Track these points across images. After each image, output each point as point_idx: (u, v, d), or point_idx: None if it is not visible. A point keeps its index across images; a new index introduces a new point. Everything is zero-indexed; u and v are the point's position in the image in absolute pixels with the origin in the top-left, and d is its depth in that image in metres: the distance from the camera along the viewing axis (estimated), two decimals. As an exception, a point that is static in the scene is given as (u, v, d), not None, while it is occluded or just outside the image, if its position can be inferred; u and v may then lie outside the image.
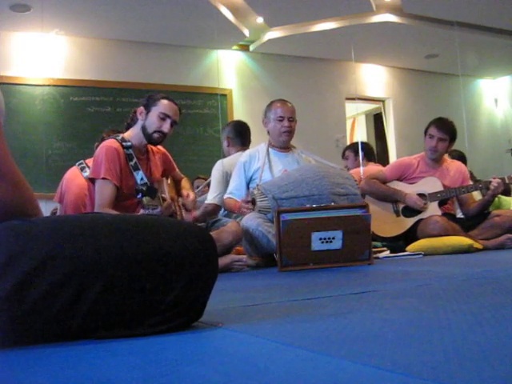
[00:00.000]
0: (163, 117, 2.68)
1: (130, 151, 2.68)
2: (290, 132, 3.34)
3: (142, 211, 2.52)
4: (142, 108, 2.72)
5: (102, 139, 3.09)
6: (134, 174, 2.66)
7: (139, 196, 2.51)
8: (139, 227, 0.96)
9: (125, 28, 5.31)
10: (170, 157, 2.98)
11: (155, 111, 2.69)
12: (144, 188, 2.50)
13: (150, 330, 0.91)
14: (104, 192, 2.57)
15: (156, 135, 2.69)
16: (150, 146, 2.83)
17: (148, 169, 2.76)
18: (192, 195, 2.92)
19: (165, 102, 2.71)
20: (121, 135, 2.74)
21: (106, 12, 4.95)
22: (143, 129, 2.70)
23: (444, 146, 3.64)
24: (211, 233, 2.51)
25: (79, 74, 5.33)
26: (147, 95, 2.79)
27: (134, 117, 2.77)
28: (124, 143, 2.68)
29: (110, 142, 2.67)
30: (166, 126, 2.69)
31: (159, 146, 2.91)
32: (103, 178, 2.56)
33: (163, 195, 2.71)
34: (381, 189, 3.62)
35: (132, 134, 2.74)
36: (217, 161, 3.70)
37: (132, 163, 2.66)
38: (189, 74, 5.81)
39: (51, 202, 3.84)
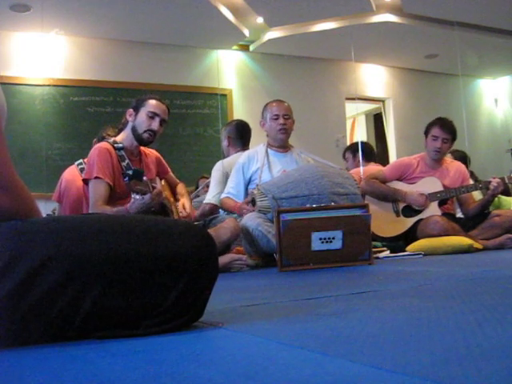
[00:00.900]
0: (152, 115, 2.72)
1: (122, 152, 2.70)
2: (286, 129, 3.33)
3: (132, 196, 2.50)
4: (131, 110, 2.77)
5: (103, 138, 3.10)
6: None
7: (126, 179, 2.50)
8: (139, 228, 0.96)
9: (125, 28, 5.31)
10: (163, 160, 3.00)
11: (144, 111, 2.72)
12: (130, 172, 2.49)
13: (151, 330, 0.91)
14: (97, 190, 2.58)
15: (146, 135, 2.71)
16: (143, 149, 2.85)
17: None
18: (187, 207, 2.88)
19: (153, 101, 2.75)
20: (112, 139, 2.77)
21: (106, 12, 4.94)
22: (133, 130, 2.73)
23: (447, 146, 3.66)
24: (209, 230, 2.50)
25: (79, 74, 5.32)
26: (136, 98, 2.81)
27: (125, 121, 2.79)
28: (116, 145, 2.70)
29: (102, 144, 2.71)
30: (155, 124, 2.72)
31: (152, 150, 2.93)
32: (96, 177, 2.58)
33: (154, 184, 2.70)
34: (381, 188, 3.62)
35: (123, 137, 2.77)
36: (217, 161, 3.69)
37: (124, 164, 2.68)
38: (189, 74, 5.81)
39: (51, 202, 3.84)
